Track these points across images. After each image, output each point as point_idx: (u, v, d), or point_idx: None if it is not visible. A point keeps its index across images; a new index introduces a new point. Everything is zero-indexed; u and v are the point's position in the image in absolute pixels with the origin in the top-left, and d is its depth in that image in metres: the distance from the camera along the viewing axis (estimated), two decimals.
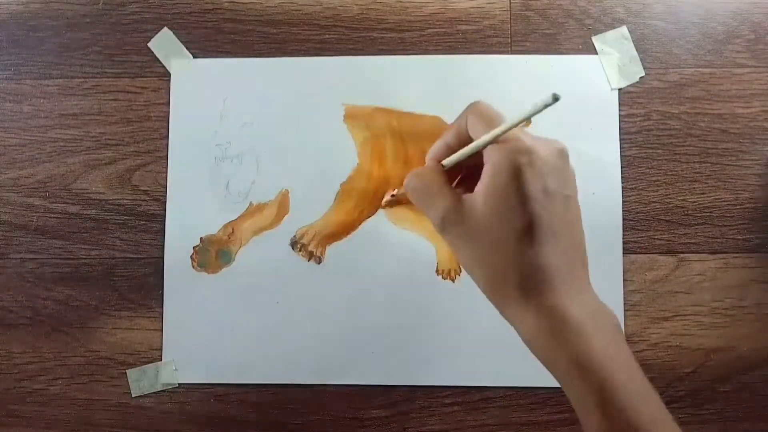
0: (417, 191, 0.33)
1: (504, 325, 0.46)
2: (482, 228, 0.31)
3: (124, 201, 0.48)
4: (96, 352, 0.47)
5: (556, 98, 0.27)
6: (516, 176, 0.30)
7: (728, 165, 0.47)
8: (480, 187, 0.31)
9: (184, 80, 0.49)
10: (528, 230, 0.30)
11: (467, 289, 0.46)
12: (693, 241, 0.46)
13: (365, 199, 0.47)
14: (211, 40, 0.49)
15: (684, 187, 0.47)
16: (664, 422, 0.30)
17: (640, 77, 0.48)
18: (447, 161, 0.34)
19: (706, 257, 0.46)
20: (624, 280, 0.46)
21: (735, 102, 0.47)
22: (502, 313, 0.32)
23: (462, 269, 0.46)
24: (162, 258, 0.48)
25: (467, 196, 0.31)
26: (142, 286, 0.48)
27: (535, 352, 0.31)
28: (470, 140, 0.32)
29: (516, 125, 0.30)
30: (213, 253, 0.47)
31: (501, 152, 0.30)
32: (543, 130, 0.47)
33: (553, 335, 0.30)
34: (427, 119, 0.48)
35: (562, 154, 0.32)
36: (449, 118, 0.48)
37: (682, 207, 0.47)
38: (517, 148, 0.30)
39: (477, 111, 0.32)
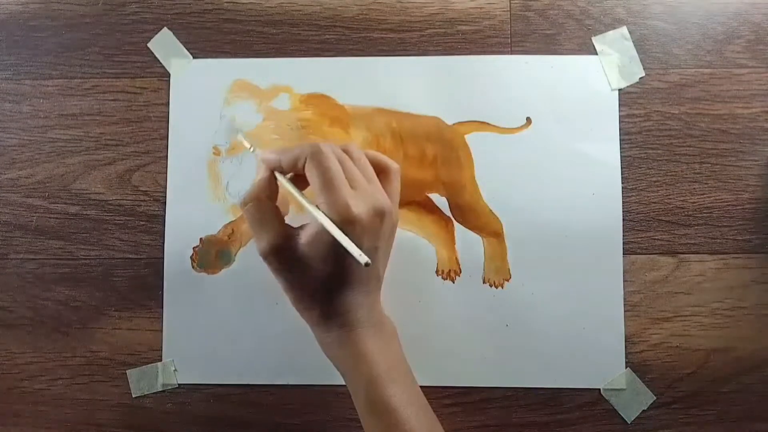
0: (253, 219, 0.39)
1: (504, 325, 0.46)
2: (301, 267, 0.38)
3: (124, 201, 0.48)
4: (96, 352, 0.47)
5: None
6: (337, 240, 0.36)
7: (728, 165, 0.47)
8: (307, 235, 0.37)
9: (184, 80, 0.49)
10: (335, 278, 0.38)
11: (467, 289, 0.46)
12: (693, 241, 0.46)
13: None
14: (211, 40, 0.49)
15: (684, 187, 0.47)
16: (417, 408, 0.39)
17: (640, 77, 0.48)
18: (285, 185, 0.39)
19: (706, 258, 0.46)
20: (624, 280, 0.46)
21: (735, 102, 0.47)
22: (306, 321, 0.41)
23: (461, 270, 0.47)
24: (162, 258, 0.48)
25: (294, 237, 0.38)
26: (142, 286, 0.48)
27: (328, 356, 0.41)
28: (301, 171, 0.38)
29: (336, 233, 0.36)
30: (213, 254, 0.47)
31: (330, 214, 0.36)
32: (544, 130, 0.48)
33: (342, 350, 0.40)
34: (427, 119, 0.48)
35: (381, 214, 0.38)
36: (449, 118, 0.48)
37: (682, 207, 0.47)
38: (343, 216, 0.36)
39: (317, 162, 0.37)
